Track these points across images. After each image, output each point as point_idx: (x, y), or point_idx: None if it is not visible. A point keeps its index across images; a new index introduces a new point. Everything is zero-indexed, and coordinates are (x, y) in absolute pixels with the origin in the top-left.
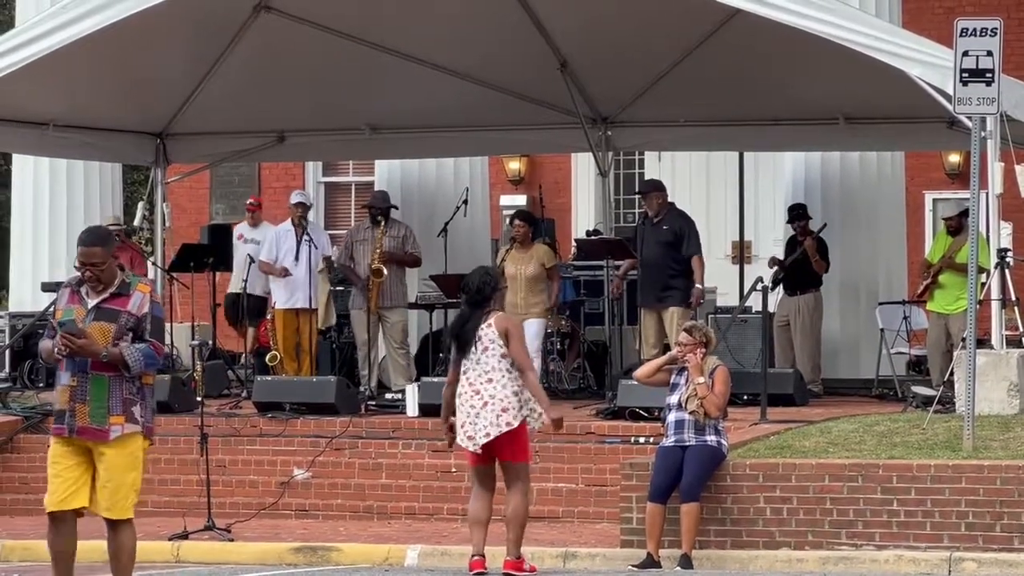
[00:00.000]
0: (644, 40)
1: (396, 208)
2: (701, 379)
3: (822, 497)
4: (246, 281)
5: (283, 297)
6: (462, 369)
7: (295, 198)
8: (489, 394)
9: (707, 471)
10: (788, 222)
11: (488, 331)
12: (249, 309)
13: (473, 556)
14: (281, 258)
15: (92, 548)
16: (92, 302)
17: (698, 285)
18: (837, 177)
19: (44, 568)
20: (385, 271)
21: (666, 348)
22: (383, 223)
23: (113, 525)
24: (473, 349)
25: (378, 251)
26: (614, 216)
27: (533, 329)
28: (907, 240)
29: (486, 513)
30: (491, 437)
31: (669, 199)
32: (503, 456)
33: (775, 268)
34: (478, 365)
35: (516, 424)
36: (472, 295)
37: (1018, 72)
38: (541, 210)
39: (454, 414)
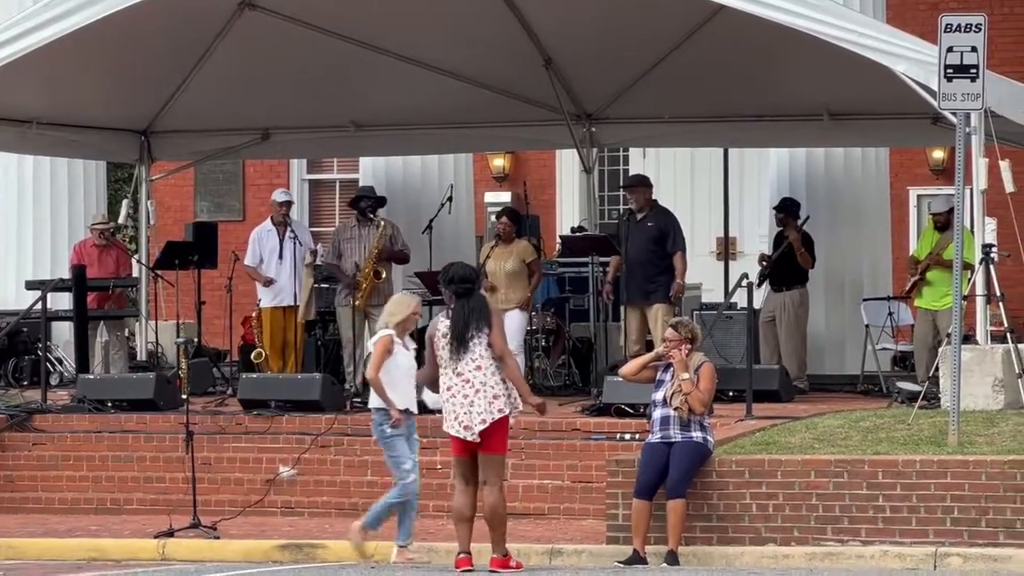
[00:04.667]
0: (628, 37)
1: (385, 201)
2: (686, 375)
3: (808, 493)
4: None
5: (269, 296)
6: (447, 362)
7: (282, 196)
8: (480, 381)
9: (693, 467)
10: (774, 207)
11: (479, 320)
12: None
13: (459, 554)
14: (266, 258)
15: (76, 546)
16: None
17: (679, 280)
18: (822, 173)
19: (30, 566)
20: (384, 273)
21: (649, 344)
22: (382, 223)
23: None
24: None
25: (376, 251)
26: (599, 212)
27: (515, 323)
28: (892, 236)
29: (470, 510)
30: (487, 424)
31: (654, 195)
32: (486, 448)
33: (763, 265)
34: (466, 354)
35: (507, 411)
36: (459, 285)
37: (1002, 68)
38: (526, 207)
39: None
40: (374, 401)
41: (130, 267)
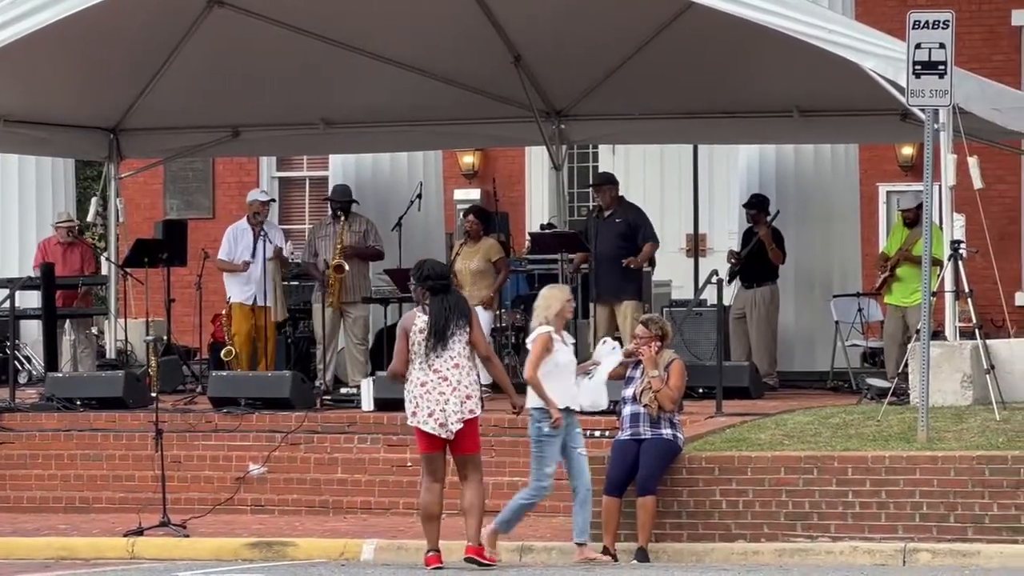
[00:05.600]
0: (598, 33)
1: (357, 203)
2: (655, 372)
3: (778, 489)
4: None
5: (238, 293)
6: (423, 357)
7: (262, 196)
8: (457, 379)
9: (663, 464)
10: (744, 205)
11: (459, 318)
12: None
13: (429, 551)
14: (239, 256)
15: (45, 544)
16: None
17: (639, 260)
18: (791, 170)
19: None
20: (347, 267)
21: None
22: (344, 218)
23: None
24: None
25: (339, 247)
26: (568, 209)
27: (481, 320)
28: (861, 232)
29: (438, 507)
30: (462, 424)
31: (621, 192)
32: (462, 448)
33: (733, 261)
34: (444, 351)
35: (479, 412)
36: (436, 281)
37: (970, 64)
38: (495, 204)
39: None
40: (532, 400)
41: (96, 265)
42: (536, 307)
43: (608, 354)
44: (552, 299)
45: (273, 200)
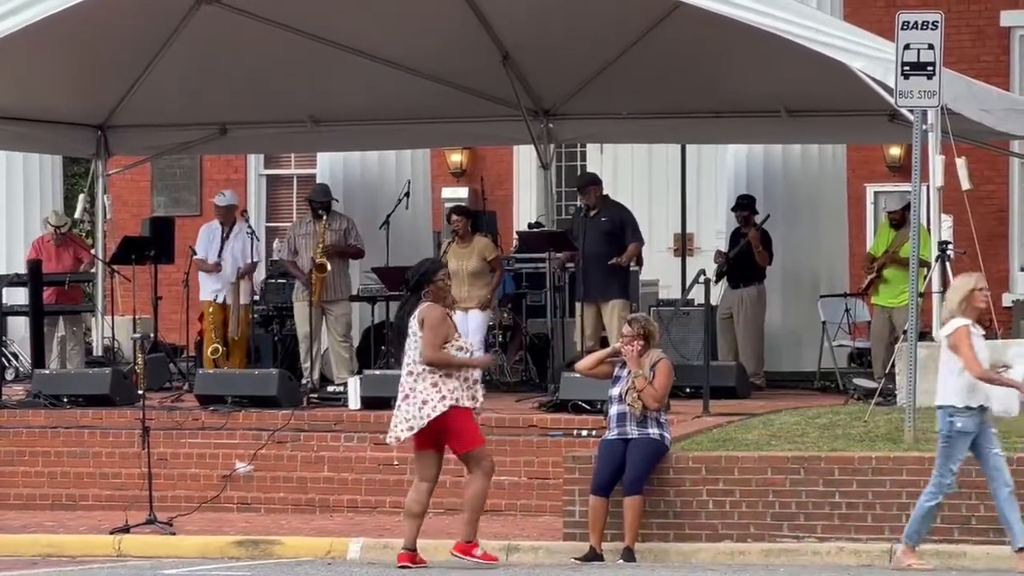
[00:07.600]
0: (587, 33)
1: (336, 201)
2: (639, 371)
3: (764, 490)
4: None
5: (209, 291)
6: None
7: (220, 200)
8: (410, 387)
9: (650, 464)
10: (733, 209)
11: (413, 322)
12: None
13: (403, 549)
14: (212, 254)
15: (32, 541)
16: None
17: (621, 261)
18: (779, 170)
19: None
20: (329, 266)
21: (604, 341)
22: (325, 217)
23: None
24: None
25: (321, 245)
26: (556, 208)
27: (477, 321)
28: (848, 233)
29: (420, 506)
30: (414, 431)
31: (607, 192)
32: (455, 449)
33: (720, 261)
34: (405, 356)
35: (436, 414)
36: (406, 283)
37: (959, 65)
38: (483, 203)
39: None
40: (943, 397)
41: (92, 261)
42: (947, 299)
43: (1022, 355)
44: (959, 289)
45: (232, 205)
